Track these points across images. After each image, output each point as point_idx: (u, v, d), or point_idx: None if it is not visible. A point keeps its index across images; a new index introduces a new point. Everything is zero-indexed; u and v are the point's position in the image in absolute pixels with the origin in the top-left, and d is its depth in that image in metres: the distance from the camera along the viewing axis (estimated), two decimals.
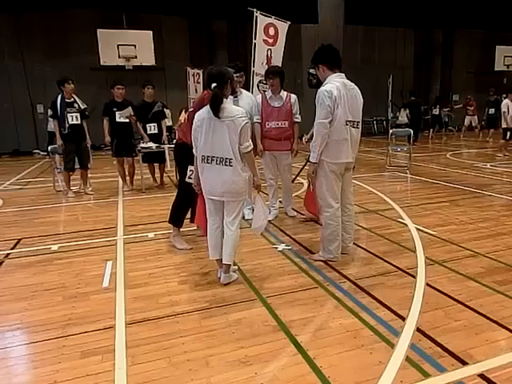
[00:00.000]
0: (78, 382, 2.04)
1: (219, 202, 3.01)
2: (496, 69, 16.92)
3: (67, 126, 6.08)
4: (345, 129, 3.23)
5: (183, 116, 6.33)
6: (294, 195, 5.32)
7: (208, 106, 2.87)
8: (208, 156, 2.91)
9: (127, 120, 6.46)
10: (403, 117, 13.66)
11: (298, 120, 4.67)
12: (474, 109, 14.09)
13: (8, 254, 3.96)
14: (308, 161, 3.35)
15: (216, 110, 2.81)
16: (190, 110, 3.71)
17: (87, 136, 6.46)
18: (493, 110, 13.59)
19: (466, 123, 14.48)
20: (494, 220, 4.53)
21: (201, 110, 2.95)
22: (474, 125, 14.22)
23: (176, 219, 3.94)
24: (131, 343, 2.34)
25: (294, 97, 4.64)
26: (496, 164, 8.50)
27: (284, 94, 4.60)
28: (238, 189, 2.92)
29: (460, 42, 17.38)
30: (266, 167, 4.81)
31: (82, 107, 6.31)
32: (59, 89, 6.12)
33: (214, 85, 2.83)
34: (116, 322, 2.58)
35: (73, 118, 6.12)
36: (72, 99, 6.20)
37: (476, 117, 14.11)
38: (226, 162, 2.86)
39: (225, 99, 2.87)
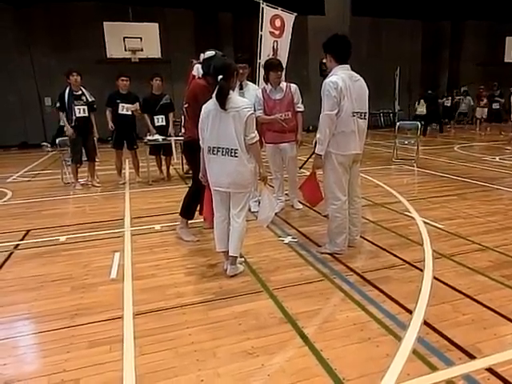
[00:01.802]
0: (86, 371, 2.06)
1: (225, 194, 3.00)
2: (506, 60, 16.63)
3: (74, 118, 6.09)
4: (352, 120, 3.20)
5: None
6: (299, 186, 5.29)
7: (214, 98, 2.86)
8: (214, 147, 2.91)
9: (130, 112, 6.45)
10: (422, 108, 13.56)
11: (301, 109, 4.62)
12: (486, 101, 13.89)
13: (17, 245, 4.00)
14: (314, 153, 3.32)
15: (222, 102, 2.81)
16: (185, 105, 3.69)
17: (95, 129, 6.47)
18: (497, 104, 13.41)
19: (478, 115, 14.23)
20: (503, 214, 4.48)
21: (207, 102, 2.95)
22: (484, 117, 14.02)
23: (188, 212, 3.94)
24: (139, 333, 2.36)
25: (294, 86, 4.59)
26: (505, 157, 8.39)
27: (283, 84, 4.55)
28: (243, 180, 2.91)
29: (469, 33, 17.08)
30: (271, 160, 4.77)
31: (90, 100, 6.31)
32: (67, 81, 6.14)
33: (220, 77, 2.82)
34: (123, 312, 2.60)
35: (80, 111, 6.13)
36: (80, 92, 6.20)
37: (486, 109, 13.91)
38: (231, 152, 2.85)
39: (231, 91, 2.86)
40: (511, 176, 6.61)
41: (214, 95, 2.88)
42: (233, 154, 2.86)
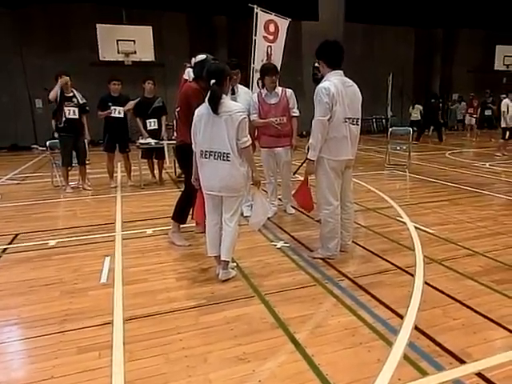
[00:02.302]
0: (75, 377, 2.03)
1: (218, 199, 3.00)
2: (496, 68, 16.90)
3: (63, 119, 6.06)
4: (344, 126, 3.22)
5: None
6: (293, 192, 5.30)
7: (206, 102, 2.86)
8: (206, 151, 2.90)
9: (122, 115, 6.42)
10: (417, 113, 13.73)
11: (296, 114, 4.64)
12: (475, 108, 14.11)
13: (5, 248, 3.94)
14: (306, 158, 3.34)
15: (215, 106, 2.81)
16: (177, 109, 3.70)
17: (86, 131, 6.44)
18: (490, 111, 13.64)
19: (467, 122, 14.49)
20: (493, 219, 4.53)
21: (200, 106, 2.95)
22: (472, 124, 14.25)
23: (180, 216, 3.92)
24: (129, 339, 2.33)
25: (289, 91, 4.62)
26: (495, 163, 8.50)
27: (279, 89, 4.58)
28: (235, 184, 2.91)
29: (461, 41, 17.35)
30: (265, 165, 4.78)
31: (82, 102, 6.29)
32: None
33: (212, 81, 2.82)
34: (114, 317, 2.57)
35: (70, 112, 6.10)
36: (71, 93, 6.18)
37: (474, 116, 14.14)
38: (223, 156, 2.85)
39: (224, 95, 2.86)
40: (501, 182, 6.71)
41: (206, 99, 2.88)
42: (225, 158, 2.85)
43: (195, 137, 2.98)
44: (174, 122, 4.84)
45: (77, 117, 6.18)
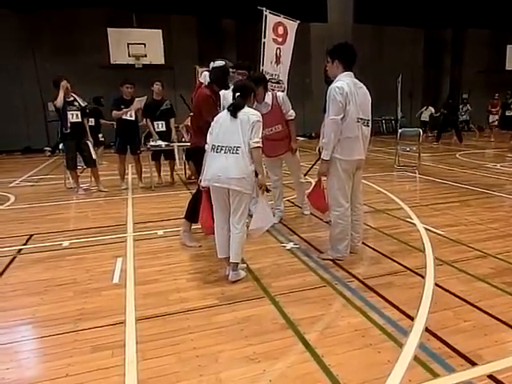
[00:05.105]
0: (89, 375, 2.08)
1: (224, 195, 3.00)
2: (507, 68, 16.71)
3: (68, 125, 6.15)
4: (356, 126, 3.23)
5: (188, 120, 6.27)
6: (307, 192, 5.27)
7: (226, 109, 3.04)
8: (218, 145, 2.99)
9: (133, 118, 6.50)
10: (426, 115, 13.74)
11: (292, 117, 4.44)
12: (498, 108, 14.06)
13: (20, 249, 4.02)
14: (320, 158, 3.35)
15: (235, 113, 2.98)
16: (191, 114, 3.78)
17: (88, 133, 6.54)
18: (510, 112, 13.54)
19: (491, 120, 14.45)
20: (504, 221, 4.48)
21: (221, 113, 3.14)
22: (496, 124, 14.19)
23: (193, 213, 3.93)
24: (141, 338, 2.37)
25: (280, 95, 4.39)
26: (506, 164, 8.40)
27: (269, 97, 4.30)
28: (241, 176, 2.89)
29: (470, 41, 17.18)
30: (270, 169, 4.66)
31: (83, 105, 6.40)
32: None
33: (237, 94, 3.04)
34: (126, 317, 2.62)
35: (73, 116, 6.21)
36: (72, 98, 6.28)
37: (497, 116, 14.09)
38: (233, 150, 2.93)
39: (246, 106, 3.05)
40: None
41: (225, 107, 3.07)
42: (234, 151, 2.92)
43: (210, 135, 3.09)
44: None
45: (80, 120, 6.29)
